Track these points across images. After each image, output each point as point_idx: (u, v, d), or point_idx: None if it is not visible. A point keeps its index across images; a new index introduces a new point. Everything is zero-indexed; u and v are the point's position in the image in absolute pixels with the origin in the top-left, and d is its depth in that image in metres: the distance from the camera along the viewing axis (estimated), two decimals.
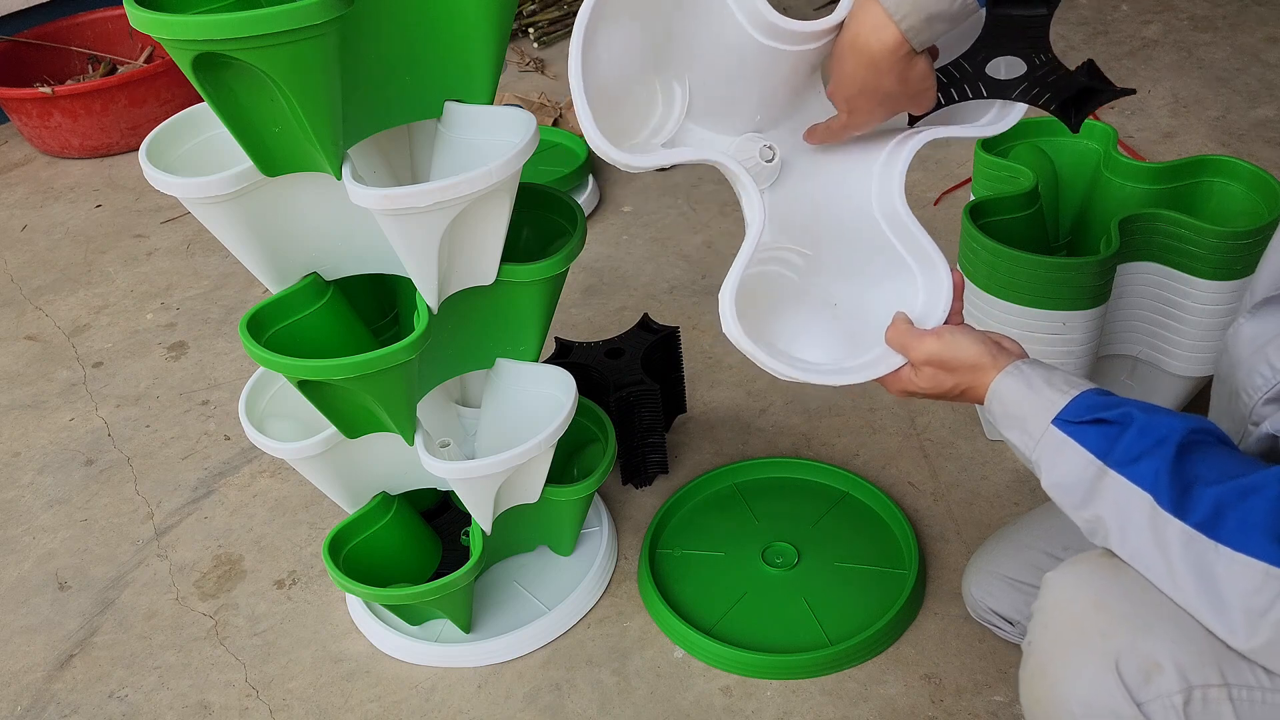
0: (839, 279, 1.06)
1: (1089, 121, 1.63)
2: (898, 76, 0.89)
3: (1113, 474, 0.81)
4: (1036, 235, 1.54)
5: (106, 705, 1.37)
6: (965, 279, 1.31)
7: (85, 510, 1.69)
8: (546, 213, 1.30)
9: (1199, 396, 1.53)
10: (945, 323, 0.98)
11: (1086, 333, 1.42)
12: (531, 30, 3.26)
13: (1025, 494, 1.52)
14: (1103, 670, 0.80)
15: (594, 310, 2.03)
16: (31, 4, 3.05)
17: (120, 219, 2.54)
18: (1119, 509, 0.81)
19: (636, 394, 1.51)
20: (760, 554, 1.45)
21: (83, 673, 1.42)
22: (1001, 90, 0.91)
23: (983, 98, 0.91)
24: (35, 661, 1.45)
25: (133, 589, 1.54)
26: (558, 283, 1.24)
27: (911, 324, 0.98)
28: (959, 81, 0.91)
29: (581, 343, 1.62)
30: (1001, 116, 0.98)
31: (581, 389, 1.32)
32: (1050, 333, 1.42)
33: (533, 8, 3.38)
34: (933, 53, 0.94)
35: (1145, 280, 1.46)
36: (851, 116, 0.96)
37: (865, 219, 1.00)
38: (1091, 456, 0.82)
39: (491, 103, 1.10)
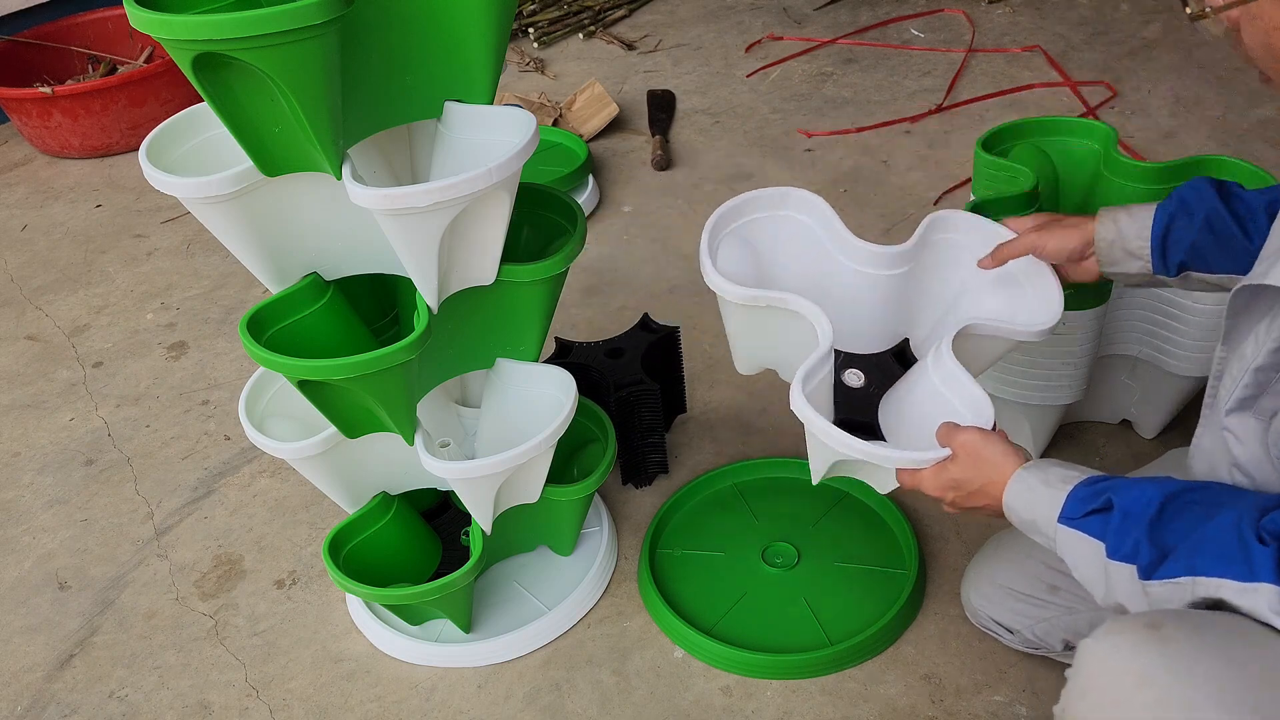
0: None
1: (1089, 121, 1.63)
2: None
3: (1112, 564, 0.88)
4: None
5: (106, 705, 1.37)
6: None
7: (85, 510, 1.69)
8: (546, 213, 1.30)
9: (1198, 397, 1.53)
10: None
11: (1086, 333, 1.42)
12: (531, 30, 3.26)
13: None
14: None
15: (594, 310, 2.03)
16: (31, 4, 3.06)
17: (120, 219, 2.54)
18: (1125, 589, 0.88)
19: (636, 394, 1.51)
20: (760, 554, 1.45)
21: (83, 673, 1.42)
22: None
23: None
24: (35, 661, 1.45)
25: (133, 589, 1.54)
26: (558, 283, 1.24)
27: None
28: None
29: (581, 343, 1.62)
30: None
31: (581, 389, 1.32)
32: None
33: (533, 8, 3.38)
34: None
35: None
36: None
37: (930, 393, 1.13)
38: (1098, 544, 0.89)
39: (491, 103, 1.10)
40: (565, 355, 1.60)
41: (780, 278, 1.26)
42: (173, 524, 1.65)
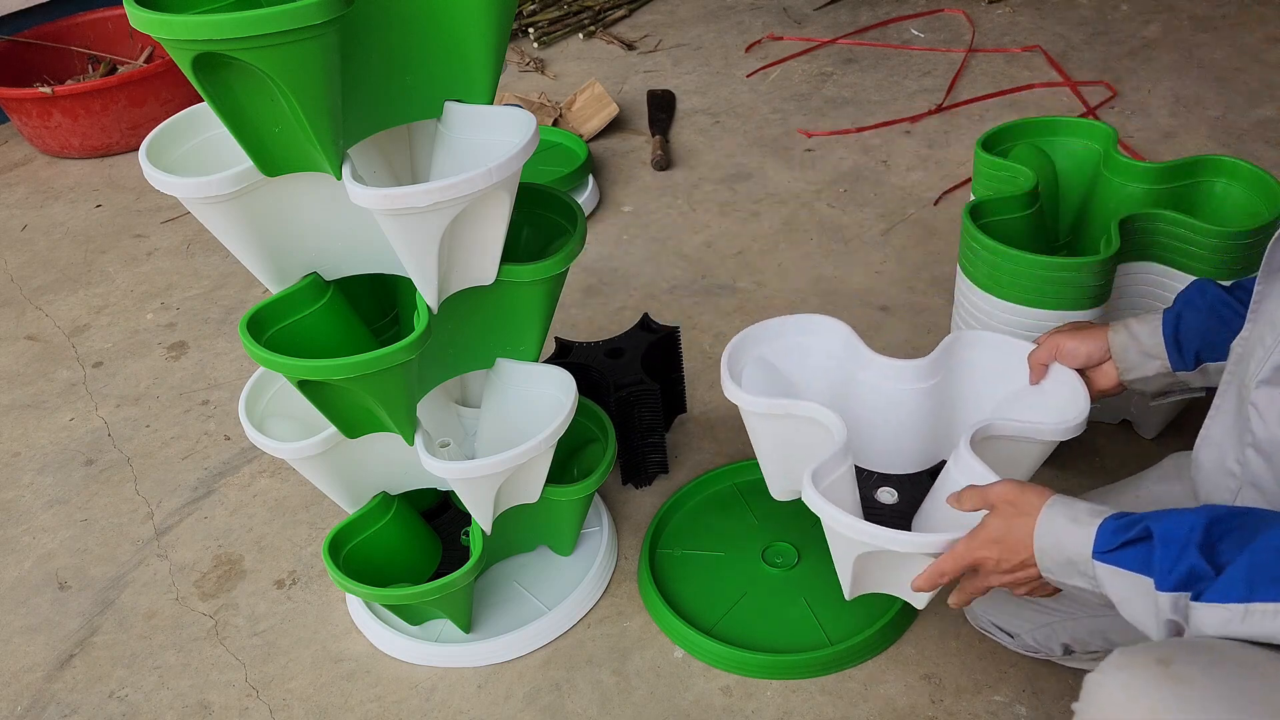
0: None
1: (1089, 121, 1.63)
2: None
3: (1163, 596, 0.83)
4: (1036, 235, 1.54)
5: (106, 705, 1.37)
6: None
7: (85, 510, 1.69)
8: (546, 213, 1.30)
9: (1199, 397, 1.53)
10: None
11: None
12: (531, 30, 3.26)
13: None
14: None
15: (594, 310, 2.03)
16: (31, 4, 3.06)
17: (120, 219, 2.54)
18: (1174, 618, 0.84)
19: (636, 394, 1.51)
20: (760, 554, 1.45)
21: (83, 673, 1.42)
22: None
23: None
24: (35, 661, 1.45)
25: (133, 589, 1.54)
26: (558, 283, 1.24)
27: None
28: None
29: (581, 343, 1.62)
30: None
31: (581, 389, 1.32)
32: None
33: (533, 8, 3.38)
34: None
35: (1145, 280, 1.46)
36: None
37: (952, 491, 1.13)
38: (1141, 577, 0.85)
39: (491, 103, 1.10)
40: (565, 355, 1.60)
41: (809, 399, 1.29)
42: (173, 524, 1.65)
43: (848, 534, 1.07)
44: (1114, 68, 2.77)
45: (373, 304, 1.33)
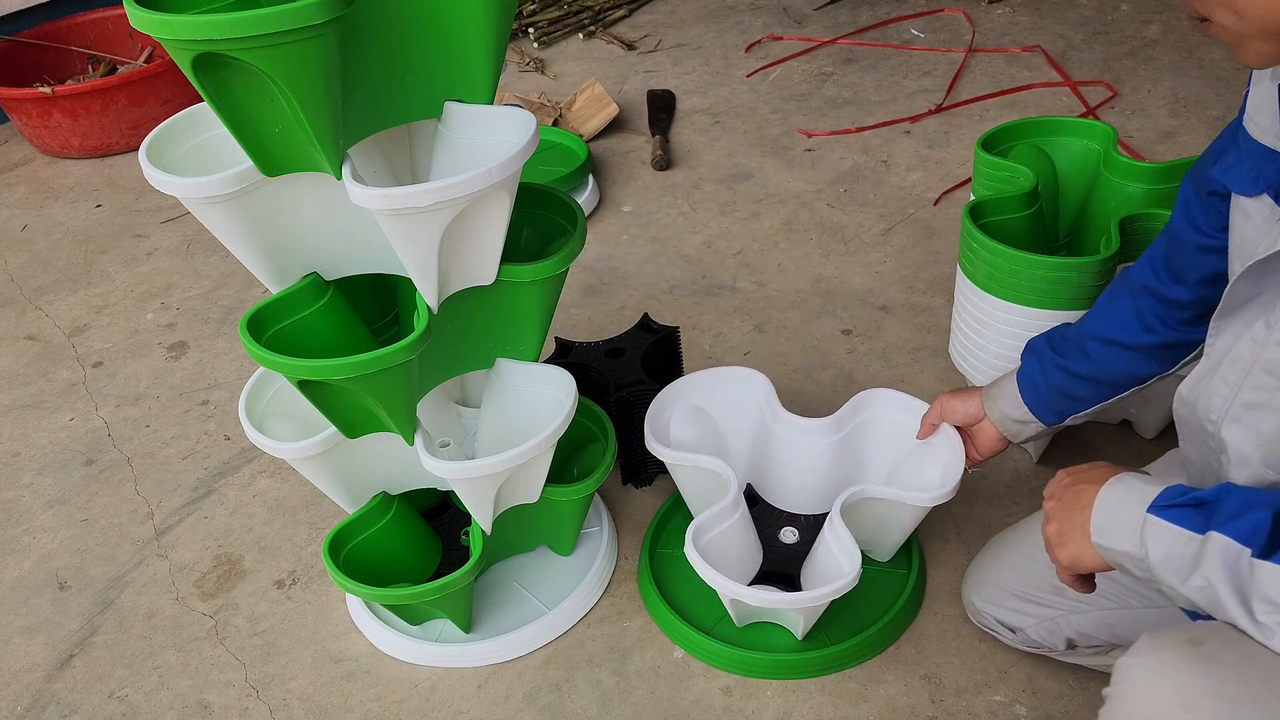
0: None
1: (1089, 121, 1.63)
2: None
3: (1215, 535, 0.79)
4: (1036, 235, 1.54)
5: (106, 705, 1.38)
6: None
7: (85, 510, 1.69)
8: (546, 213, 1.30)
9: None
10: None
11: None
12: (531, 30, 3.26)
13: (1025, 494, 1.52)
14: None
15: (594, 310, 2.03)
16: (31, 4, 3.06)
17: (120, 219, 2.54)
18: (1225, 565, 0.78)
19: (636, 394, 1.51)
20: None
21: (83, 673, 1.42)
22: None
23: None
24: (35, 661, 1.45)
25: (133, 589, 1.54)
26: (558, 283, 1.24)
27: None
28: None
29: (581, 343, 1.62)
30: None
31: (581, 389, 1.32)
32: None
33: (533, 8, 3.38)
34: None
35: None
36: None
37: (825, 549, 1.30)
38: (1190, 533, 0.81)
39: (491, 102, 1.10)
40: (565, 355, 1.60)
41: (733, 445, 1.45)
42: (173, 524, 1.65)
43: (715, 587, 1.23)
44: (1114, 68, 2.77)
45: (373, 304, 1.33)
